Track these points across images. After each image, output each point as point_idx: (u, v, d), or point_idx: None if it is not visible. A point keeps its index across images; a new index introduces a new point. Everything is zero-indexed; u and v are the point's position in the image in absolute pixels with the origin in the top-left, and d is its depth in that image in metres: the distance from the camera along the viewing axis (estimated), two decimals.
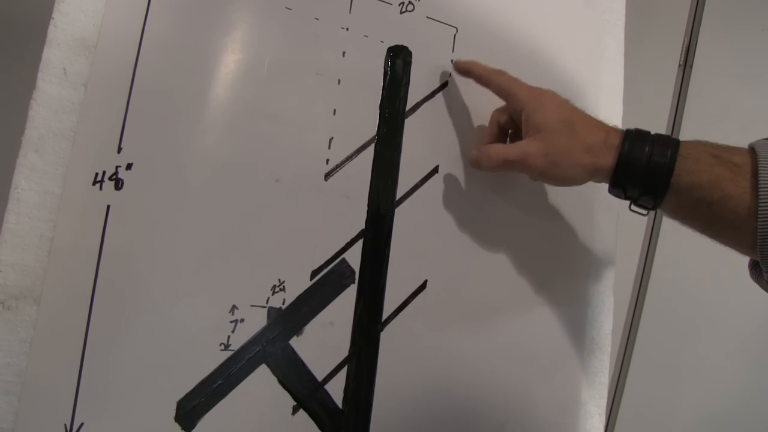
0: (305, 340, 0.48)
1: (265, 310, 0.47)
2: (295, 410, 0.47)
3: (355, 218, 0.51)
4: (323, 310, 0.49)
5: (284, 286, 0.47)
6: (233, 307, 0.45)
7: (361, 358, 0.50)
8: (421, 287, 0.53)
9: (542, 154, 0.47)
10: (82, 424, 0.40)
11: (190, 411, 0.43)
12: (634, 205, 0.48)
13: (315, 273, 0.49)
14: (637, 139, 0.45)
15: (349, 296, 0.50)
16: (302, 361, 0.48)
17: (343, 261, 0.50)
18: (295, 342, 0.47)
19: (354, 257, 0.50)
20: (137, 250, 0.43)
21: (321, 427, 0.48)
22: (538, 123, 0.48)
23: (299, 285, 0.48)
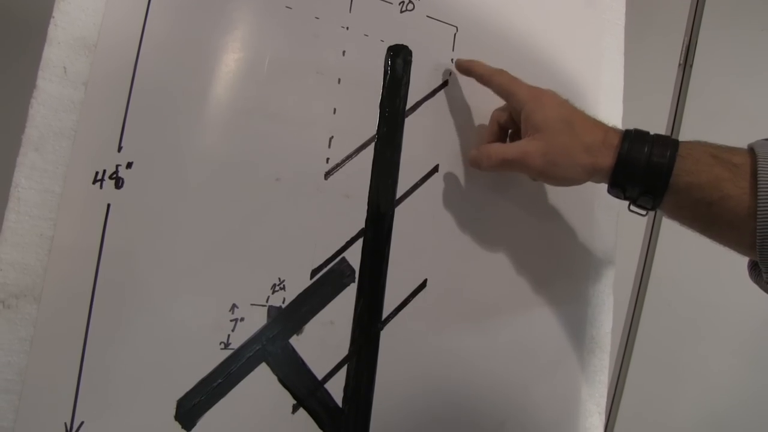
0: (305, 338, 0.48)
1: (265, 309, 0.47)
2: (295, 409, 0.47)
3: (355, 217, 0.51)
4: (323, 308, 0.49)
5: (284, 285, 0.47)
6: (233, 306, 0.45)
7: (361, 357, 0.50)
8: (421, 286, 0.53)
9: (541, 154, 0.47)
10: (82, 423, 0.40)
11: (190, 410, 0.44)
12: (633, 206, 0.48)
13: (315, 272, 0.49)
14: (637, 139, 0.45)
15: (349, 295, 0.50)
16: (302, 359, 0.48)
17: (343, 260, 0.50)
18: (295, 341, 0.48)
19: (354, 256, 0.50)
20: (137, 248, 0.43)
21: (321, 425, 0.48)
22: (537, 122, 0.48)
23: (299, 284, 0.48)
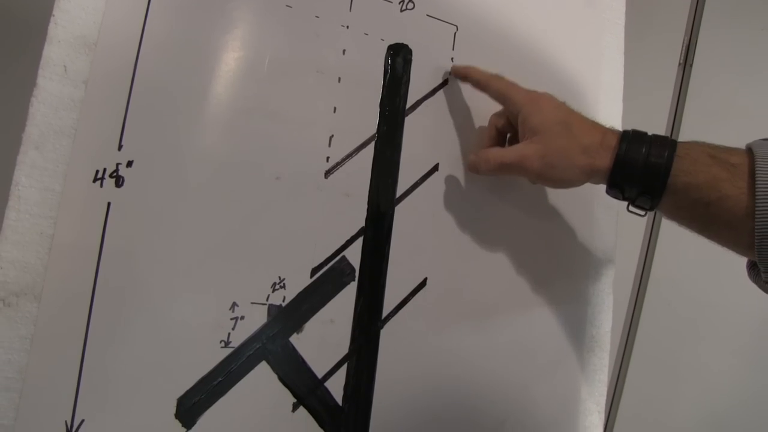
0: (305, 337, 0.48)
1: (266, 308, 0.47)
2: (295, 407, 0.47)
3: (355, 216, 0.51)
4: (323, 307, 0.49)
5: (284, 284, 0.47)
6: (233, 305, 0.45)
7: (361, 356, 0.50)
8: (421, 285, 0.53)
9: (539, 156, 0.48)
10: (82, 421, 0.41)
11: (190, 408, 0.44)
12: (632, 206, 0.48)
13: (315, 270, 0.49)
14: (634, 139, 0.45)
15: (349, 294, 0.50)
16: (302, 358, 0.48)
17: (343, 258, 0.50)
18: (295, 339, 0.48)
19: (354, 255, 0.50)
20: (138, 247, 0.43)
21: (321, 424, 0.48)
22: (534, 125, 0.48)
23: (299, 282, 0.48)
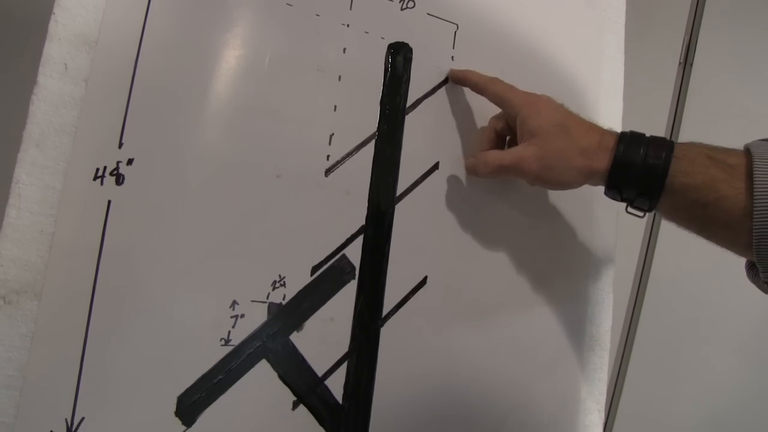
0: (305, 335, 0.48)
1: (266, 306, 0.47)
2: (295, 405, 0.47)
3: (356, 214, 0.51)
4: (323, 305, 0.49)
5: (285, 282, 0.47)
6: (234, 303, 0.45)
7: (362, 354, 0.50)
8: (422, 283, 0.53)
9: (537, 158, 0.48)
10: (83, 419, 0.41)
11: (190, 406, 0.44)
12: (630, 207, 0.48)
13: (315, 269, 0.49)
14: (632, 141, 0.45)
15: (349, 292, 0.50)
16: (302, 356, 0.48)
17: (344, 257, 0.50)
18: (295, 337, 0.48)
19: (354, 253, 0.50)
20: (138, 245, 0.43)
21: (321, 422, 0.48)
22: (532, 128, 0.48)
23: (300, 281, 0.48)
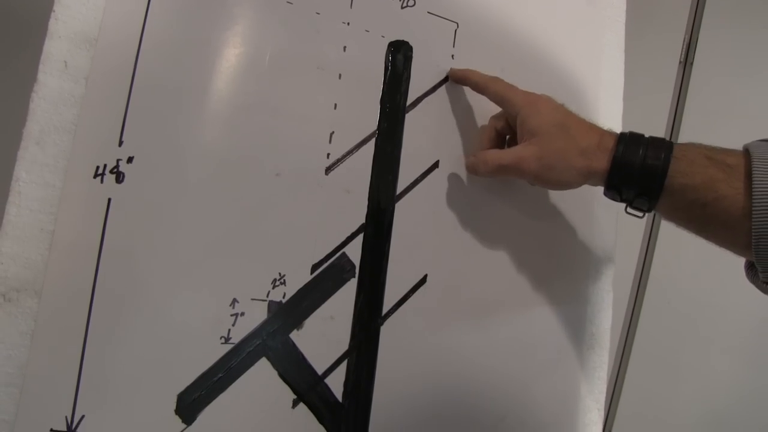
0: (305, 333, 0.48)
1: (266, 304, 0.47)
2: (295, 404, 0.47)
3: (356, 212, 0.51)
4: (323, 304, 0.49)
5: (285, 280, 0.47)
6: (234, 301, 0.46)
7: (361, 352, 0.50)
8: (421, 282, 0.53)
9: (537, 158, 0.48)
10: (83, 416, 0.41)
11: (190, 404, 0.44)
12: (630, 208, 0.48)
13: (315, 267, 0.49)
14: (631, 141, 0.45)
15: (349, 290, 0.50)
16: (302, 354, 0.48)
17: (344, 255, 0.50)
18: (295, 336, 0.48)
19: (354, 251, 0.50)
20: (138, 243, 0.43)
21: (321, 420, 0.48)
22: (532, 127, 0.48)
23: (300, 279, 0.48)
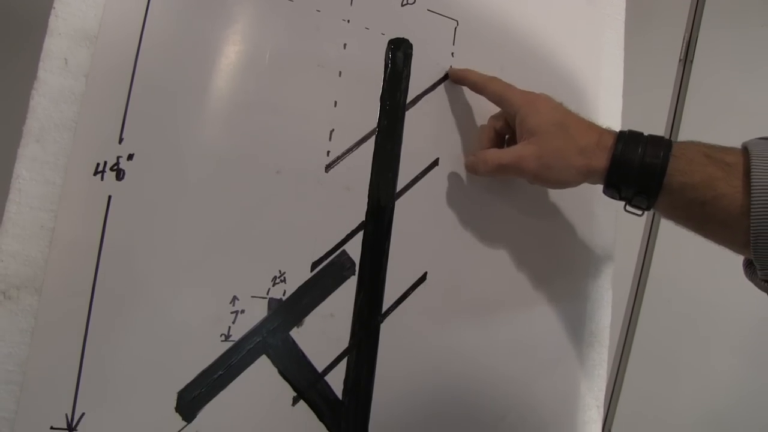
0: (305, 331, 0.48)
1: (266, 301, 0.47)
2: (295, 401, 0.47)
3: (356, 210, 0.51)
4: (323, 301, 0.49)
5: (285, 278, 0.47)
6: (234, 298, 0.46)
7: (361, 350, 0.50)
8: (421, 279, 0.53)
9: (536, 157, 0.48)
10: (83, 414, 0.41)
11: (190, 401, 0.44)
12: (629, 206, 0.48)
13: (315, 264, 0.49)
14: (630, 140, 0.46)
15: (349, 288, 0.50)
16: (302, 352, 0.48)
17: (344, 253, 0.50)
18: (295, 333, 0.48)
19: (354, 249, 0.50)
20: (138, 240, 0.43)
21: (321, 418, 0.48)
22: (531, 127, 0.48)
23: (300, 276, 0.48)
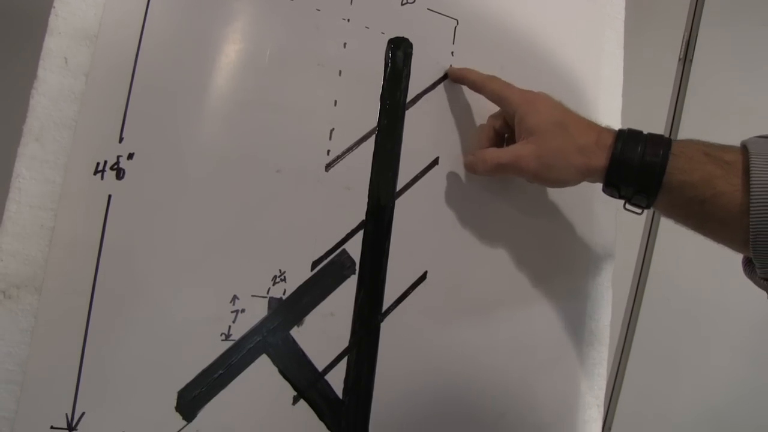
0: (306, 330, 0.48)
1: (266, 301, 0.47)
2: (295, 400, 0.47)
3: (356, 209, 0.51)
4: (324, 300, 0.49)
5: (285, 277, 0.47)
6: (234, 297, 0.46)
7: (362, 349, 0.50)
8: (421, 278, 0.53)
9: (535, 157, 0.48)
10: (83, 414, 0.41)
11: (190, 401, 0.44)
12: (628, 204, 0.48)
13: (315, 263, 0.49)
14: (630, 138, 0.45)
15: (349, 287, 0.50)
16: (303, 351, 0.48)
17: (344, 252, 0.50)
18: (295, 332, 0.48)
19: (354, 248, 0.50)
20: (138, 239, 0.43)
21: (321, 417, 0.48)
22: (530, 126, 0.48)
23: (300, 275, 0.48)
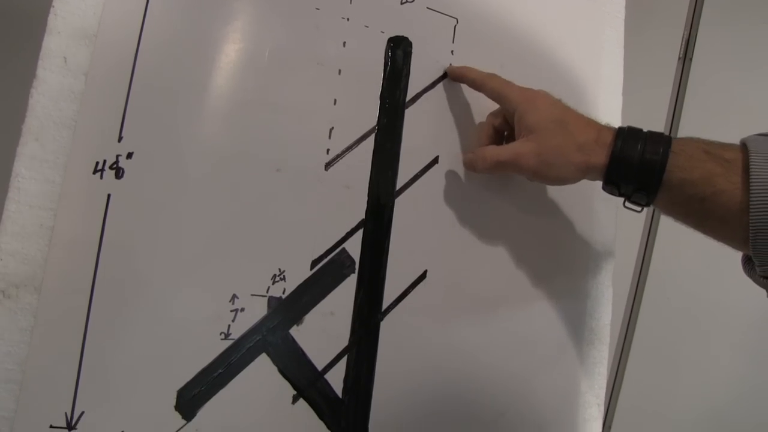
0: (305, 329, 0.48)
1: (266, 300, 0.47)
2: (295, 399, 0.47)
3: (356, 208, 0.51)
4: (323, 299, 0.49)
5: (284, 276, 0.47)
6: (233, 296, 0.46)
7: (361, 348, 0.50)
8: (421, 277, 0.53)
9: (535, 154, 0.48)
10: (82, 413, 0.41)
11: (190, 400, 0.44)
12: (628, 202, 0.48)
13: (315, 262, 0.49)
14: (630, 136, 0.45)
15: (349, 286, 0.50)
16: (302, 350, 0.48)
17: (343, 251, 0.50)
18: (295, 331, 0.48)
19: (354, 247, 0.50)
20: (138, 239, 0.43)
21: (321, 416, 0.48)
22: (530, 123, 0.48)
23: (299, 274, 0.48)
